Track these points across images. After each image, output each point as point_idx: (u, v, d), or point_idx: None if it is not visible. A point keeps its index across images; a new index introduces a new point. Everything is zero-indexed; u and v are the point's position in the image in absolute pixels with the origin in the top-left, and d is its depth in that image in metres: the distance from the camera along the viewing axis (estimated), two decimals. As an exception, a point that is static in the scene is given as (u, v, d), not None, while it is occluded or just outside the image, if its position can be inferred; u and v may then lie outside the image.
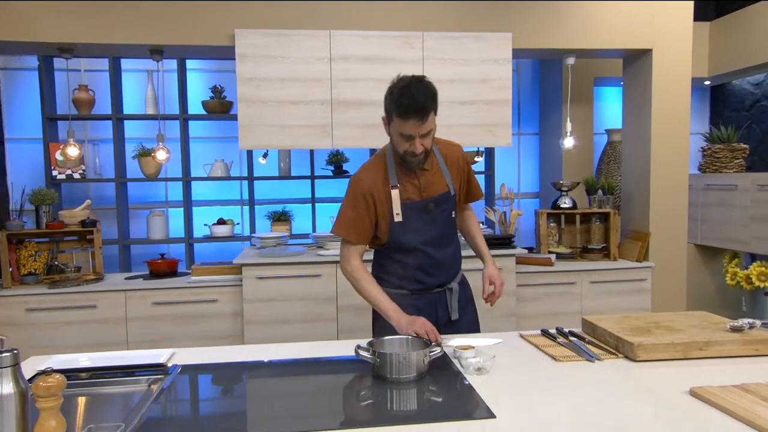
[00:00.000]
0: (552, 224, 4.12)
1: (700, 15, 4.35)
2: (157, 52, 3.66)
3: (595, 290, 3.77)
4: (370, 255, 2.19)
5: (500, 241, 3.72)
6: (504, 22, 3.74)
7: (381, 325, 2.02)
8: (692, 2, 3.88)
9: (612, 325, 1.86)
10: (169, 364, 1.74)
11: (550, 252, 3.98)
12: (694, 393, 1.42)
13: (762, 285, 4.13)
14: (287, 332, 3.53)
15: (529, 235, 4.98)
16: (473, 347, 1.74)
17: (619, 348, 1.74)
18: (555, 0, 3.75)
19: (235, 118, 4.37)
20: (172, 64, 4.40)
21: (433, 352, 1.62)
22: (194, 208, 4.58)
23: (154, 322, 3.51)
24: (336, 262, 3.56)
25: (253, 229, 4.52)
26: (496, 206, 4.39)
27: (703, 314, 1.98)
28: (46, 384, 1.14)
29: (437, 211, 2.02)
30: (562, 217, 4.13)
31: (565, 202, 4.03)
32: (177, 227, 4.58)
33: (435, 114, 1.90)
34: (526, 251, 3.89)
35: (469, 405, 1.42)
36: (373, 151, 4.67)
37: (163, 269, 3.73)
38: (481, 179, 4.88)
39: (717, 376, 1.55)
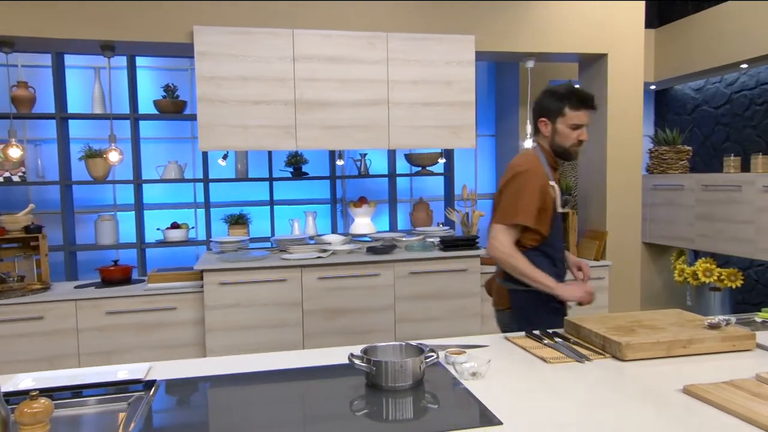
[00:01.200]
0: (512, 225, 4.17)
1: (645, 23, 4.53)
2: (108, 48, 3.47)
3: (556, 289, 3.85)
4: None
5: (465, 243, 3.74)
6: (467, 24, 3.77)
7: (526, 308, 2.23)
8: (643, 9, 4.04)
9: (596, 325, 1.89)
10: (148, 379, 1.64)
11: (511, 252, 4.04)
12: (688, 391, 1.45)
13: (707, 280, 4.34)
14: (251, 339, 3.42)
15: (486, 235, 5.04)
16: (465, 352, 1.73)
17: (606, 348, 1.76)
18: (516, 0, 3.81)
19: (188, 118, 4.23)
20: (121, 61, 4.18)
21: (429, 358, 1.59)
22: (145, 212, 4.38)
23: (107, 332, 3.32)
24: (301, 266, 3.48)
25: (209, 233, 4.36)
26: (457, 207, 4.42)
27: (678, 312, 2.05)
28: (32, 410, 1.04)
29: (564, 206, 2.33)
30: (522, 217, 4.19)
31: (526, 203, 4.09)
32: (127, 232, 4.36)
33: None
34: (490, 252, 3.93)
35: (473, 412, 1.40)
36: (333, 153, 4.61)
37: (116, 276, 3.54)
38: (440, 180, 4.91)
39: (704, 372, 1.59)
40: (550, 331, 1.99)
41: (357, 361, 1.58)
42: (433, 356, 1.60)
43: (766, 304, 4.41)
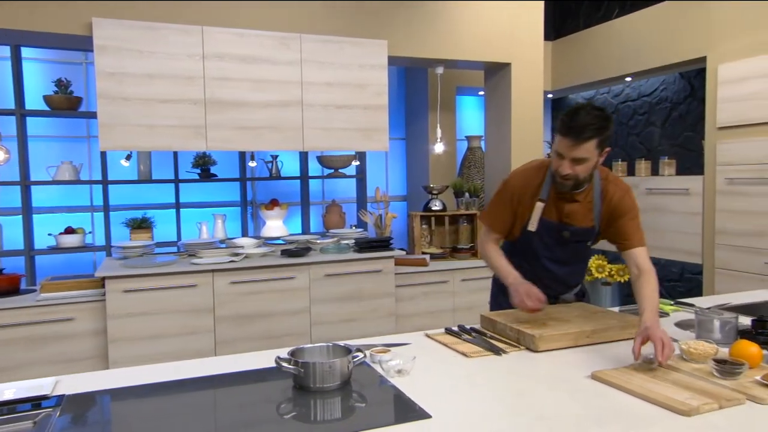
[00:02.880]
0: (424, 226, 4.30)
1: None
2: (-8, 37, 3.17)
3: (466, 287, 4.01)
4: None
5: (379, 244, 3.79)
6: (380, 29, 3.83)
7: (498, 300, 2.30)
8: (542, 22, 4.31)
9: (510, 319, 1.99)
10: (55, 395, 1.52)
11: (423, 253, 4.15)
12: (595, 377, 1.57)
13: (600, 276, 4.70)
14: (159, 348, 3.26)
15: (398, 236, 5.14)
16: (389, 350, 1.76)
17: (520, 340, 1.87)
18: (428, 1, 3.93)
19: (84, 115, 3.97)
20: (4, 51, 3.84)
21: (356, 357, 1.61)
22: (35, 216, 4.04)
23: (-6, 348, 3.03)
24: (212, 271, 3.37)
25: (108, 238, 4.10)
26: (370, 209, 4.47)
27: (581, 305, 2.21)
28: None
29: (571, 240, 2.11)
30: (433, 219, 4.33)
31: (436, 205, 4.23)
32: (12, 238, 4.00)
33: (600, 147, 1.88)
34: (404, 253, 4.02)
35: (402, 407, 1.43)
36: (242, 154, 4.50)
37: (2, 287, 3.24)
38: (352, 183, 4.94)
39: (607, 359, 1.73)
40: (468, 327, 2.07)
41: (285, 364, 1.56)
42: (359, 356, 1.62)
43: (648, 296, 4.83)
